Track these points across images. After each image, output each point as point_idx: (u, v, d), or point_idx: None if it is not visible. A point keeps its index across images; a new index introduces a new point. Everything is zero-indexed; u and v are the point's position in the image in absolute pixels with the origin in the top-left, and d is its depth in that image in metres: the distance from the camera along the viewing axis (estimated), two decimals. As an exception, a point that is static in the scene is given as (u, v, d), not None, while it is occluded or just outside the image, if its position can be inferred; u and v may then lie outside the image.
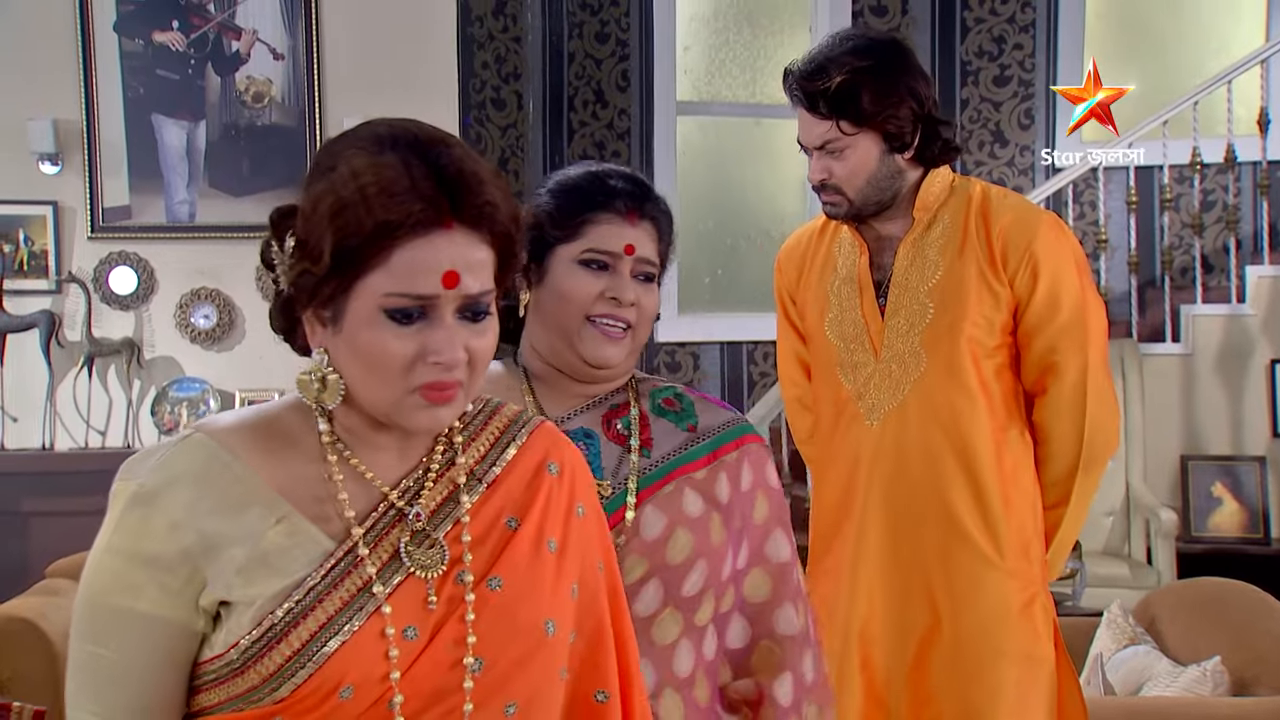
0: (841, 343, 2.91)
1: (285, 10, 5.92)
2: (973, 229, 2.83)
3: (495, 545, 1.54)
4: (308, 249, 1.46)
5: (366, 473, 1.52)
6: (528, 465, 1.61)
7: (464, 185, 1.46)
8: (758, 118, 7.39)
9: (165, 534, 1.45)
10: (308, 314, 1.50)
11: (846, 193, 2.82)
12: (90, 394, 5.80)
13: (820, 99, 2.77)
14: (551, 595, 1.55)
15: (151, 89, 5.89)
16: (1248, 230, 7.17)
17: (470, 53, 6.62)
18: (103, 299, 5.87)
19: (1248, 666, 3.48)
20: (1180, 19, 7.69)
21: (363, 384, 1.47)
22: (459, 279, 1.45)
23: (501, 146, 6.78)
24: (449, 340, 1.45)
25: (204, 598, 1.45)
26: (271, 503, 1.47)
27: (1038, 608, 2.84)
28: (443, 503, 1.55)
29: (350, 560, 1.47)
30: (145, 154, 5.89)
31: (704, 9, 7.46)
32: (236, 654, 1.44)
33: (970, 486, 2.80)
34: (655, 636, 1.99)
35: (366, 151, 1.46)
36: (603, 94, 7.12)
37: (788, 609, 2.08)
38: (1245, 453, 6.69)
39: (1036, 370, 2.84)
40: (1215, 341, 6.75)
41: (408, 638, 1.46)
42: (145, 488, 1.46)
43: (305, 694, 1.42)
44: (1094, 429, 2.84)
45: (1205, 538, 6.60)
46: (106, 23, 5.83)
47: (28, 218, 5.83)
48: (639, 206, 2.05)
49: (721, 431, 2.10)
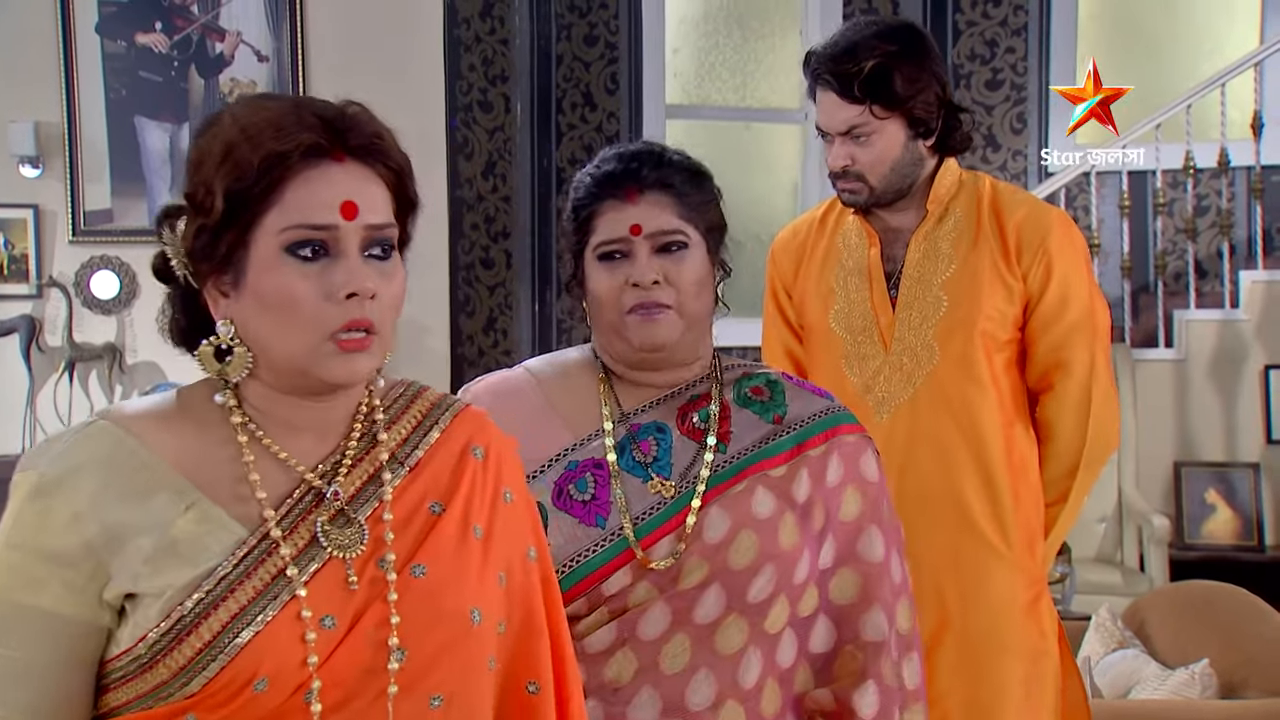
0: (848, 335, 2.87)
1: (270, 12, 5.88)
2: (985, 223, 2.83)
3: (419, 531, 1.49)
4: (198, 202, 1.42)
5: (280, 453, 1.47)
6: (451, 449, 1.56)
7: (351, 120, 1.46)
8: (748, 121, 7.34)
9: (67, 526, 1.39)
10: (208, 288, 1.45)
11: (869, 179, 2.79)
12: (71, 399, 5.73)
13: (853, 82, 2.72)
14: (477, 583, 1.50)
15: (134, 91, 5.83)
16: (1241, 235, 7.13)
17: (457, 55, 6.58)
18: (84, 303, 5.81)
19: (1236, 669, 3.45)
20: (1174, 22, 7.65)
21: (274, 338, 1.42)
22: (357, 209, 1.42)
23: (489, 149, 6.74)
24: (354, 271, 1.41)
25: (108, 591, 1.40)
26: (180, 489, 1.42)
27: (1043, 604, 2.83)
28: (364, 485, 1.50)
29: (264, 547, 1.42)
30: (127, 157, 5.83)
31: (693, 12, 7.42)
32: (144, 648, 1.38)
33: (982, 480, 2.78)
34: (719, 646, 1.91)
35: (250, 103, 1.46)
36: (591, 97, 7.07)
37: (877, 613, 1.97)
38: (1239, 459, 6.66)
39: (1044, 366, 2.83)
40: (1209, 347, 6.72)
41: (325, 626, 1.40)
42: (46, 478, 1.41)
43: (218, 688, 1.37)
44: (1098, 427, 2.83)
45: (1199, 545, 6.56)
46: (88, 24, 5.77)
47: (8, 221, 5.77)
48: (635, 181, 1.98)
49: (810, 423, 2.02)
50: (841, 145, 2.78)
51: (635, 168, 1.99)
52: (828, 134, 2.81)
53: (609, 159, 2.03)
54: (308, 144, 1.41)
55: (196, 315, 1.49)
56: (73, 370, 5.73)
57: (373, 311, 1.42)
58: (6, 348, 5.67)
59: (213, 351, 1.46)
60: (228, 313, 1.45)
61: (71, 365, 5.71)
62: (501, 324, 6.85)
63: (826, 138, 2.82)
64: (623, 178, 1.99)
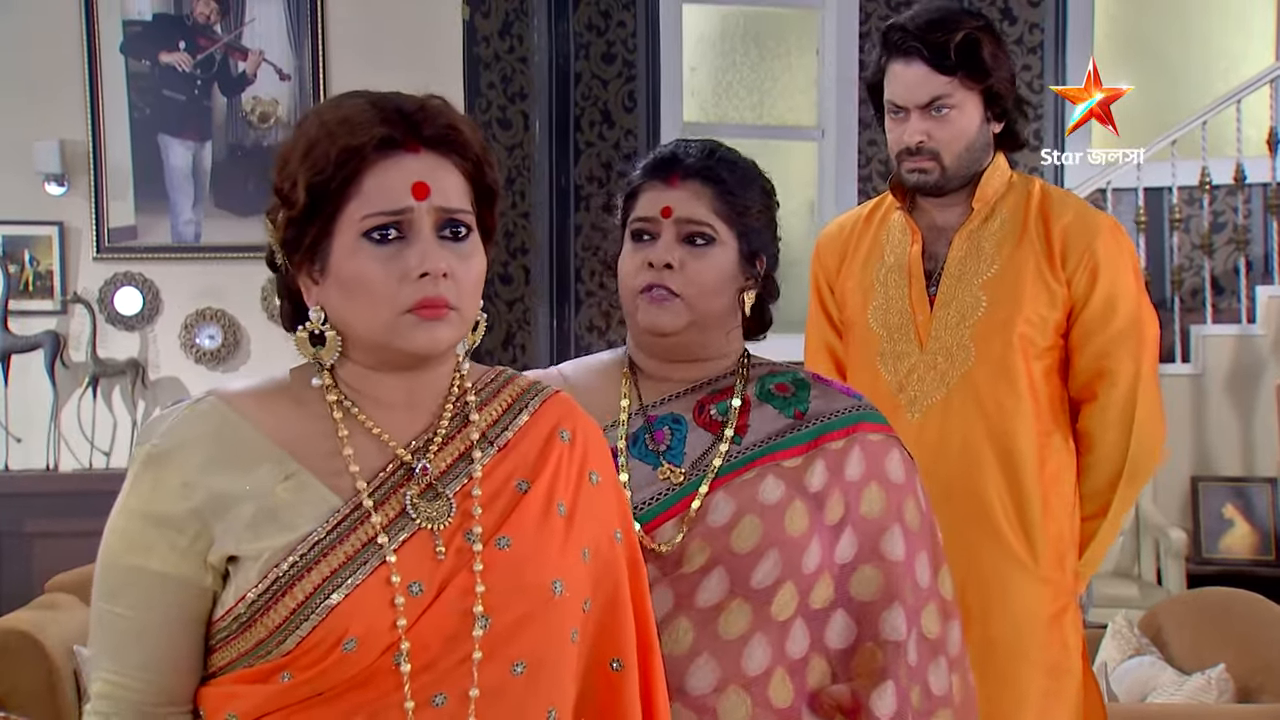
0: (885, 332, 2.84)
1: (292, 31, 5.94)
2: (1032, 225, 2.79)
3: (505, 506, 1.57)
4: (285, 196, 1.51)
5: (375, 429, 1.55)
6: (540, 431, 1.64)
7: (428, 113, 1.52)
8: (765, 139, 7.38)
9: (176, 493, 1.49)
10: (301, 277, 1.54)
11: (943, 158, 2.75)
12: (95, 415, 5.78)
13: (947, 50, 2.71)
14: (559, 557, 1.57)
15: (158, 110, 5.90)
16: (1258, 251, 7.14)
17: (477, 73, 6.63)
18: (108, 319, 5.86)
19: (1253, 674, 3.45)
20: (1189, 39, 7.68)
21: (355, 317, 1.51)
22: (428, 190, 1.49)
23: (508, 167, 6.78)
24: (427, 252, 1.49)
25: (213, 554, 1.49)
26: (280, 460, 1.52)
27: (1069, 619, 2.79)
28: (454, 462, 1.58)
29: (357, 516, 1.51)
30: (151, 174, 5.89)
31: (711, 30, 7.46)
32: (244, 607, 1.47)
33: (1009, 488, 2.74)
34: (721, 630, 1.90)
35: (333, 101, 1.55)
36: (609, 114, 7.11)
37: (896, 612, 1.95)
38: (1256, 474, 6.66)
39: (1087, 375, 2.78)
40: (1225, 362, 6.73)
41: (413, 593, 1.48)
42: (158, 449, 1.52)
43: (310, 645, 1.45)
44: (1141, 440, 2.78)
45: (1216, 559, 6.56)
46: (113, 44, 5.84)
47: (33, 238, 5.83)
48: (680, 168, 2.01)
49: (833, 418, 2.01)
50: (919, 120, 2.75)
51: (683, 155, 2.03)
52: (901, 110, 2.77)
53: (669, 145, 2.08)
54: (380, 136, 1.48)
55: (300, 301, 1.57)
56: (96, 385, 5.76)
57: (448, 290, 1.50)
58: (31, 363, 5.71)
59: (308, 337, 1.55)
60: (318, 299, 1.54)
61: (95, 381, 5.75)
62: (520, 339, 6.89)
63: (898, 114, 2.78)
64: (670, 161, 2.03)
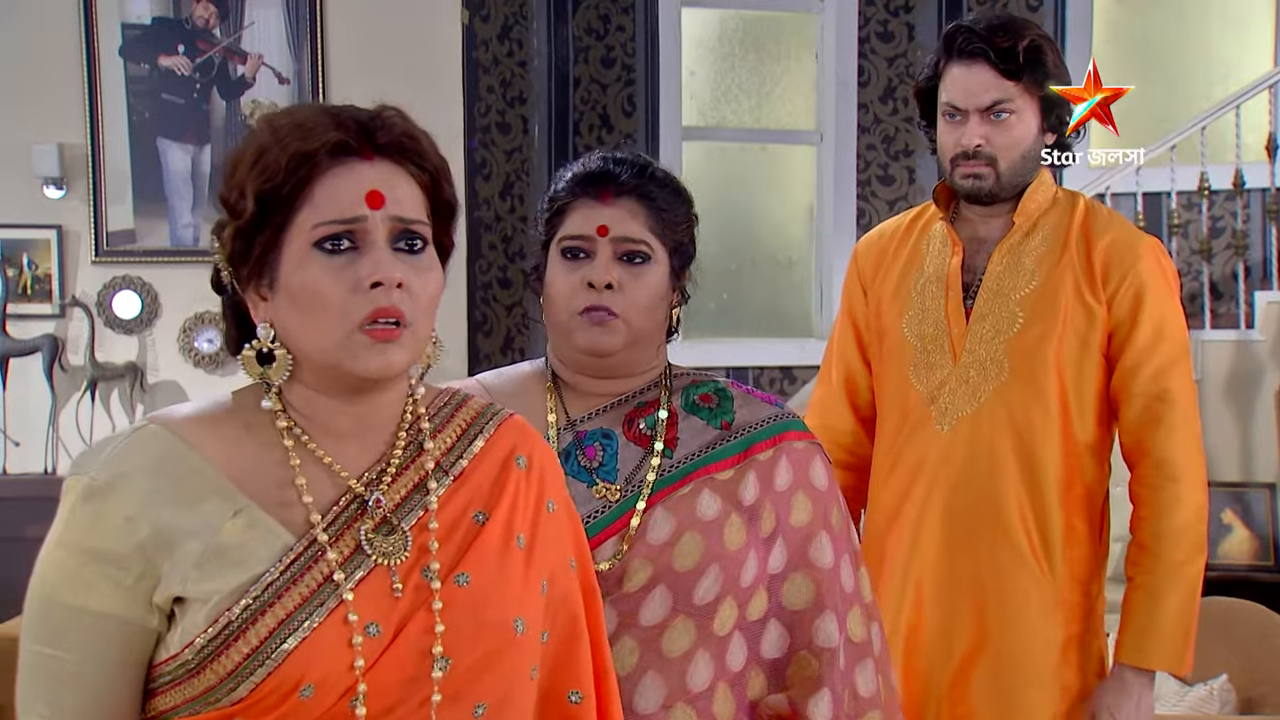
0: (919, 342, 2.82)
1: (291, 34, 5.93)
2: (1073, 242, 2.77)
3: (462, 540, 1.49)
4: (232, 206, 1.43)
5: (326, 458, 1.47)
6: (495, 458, 1.56)
7: (384, 120, 1.46)
8: (764, 143, 7.37)
9: (119, 529, 1.40)
10: (249, 293, 1.46)
11: (999, 164, 2.74)
12: (93, 419, 5.76)
13: (1014, 55, 2.71)
14: (521, 592, 1.50)
15: (156, 113, 5.89)
16: (1257, 256, 7.13)
17: (475, 77, 6.63)
18: (106, 323, 5.85)
19: (1255, 685, 3.46)
20: (1187, 45, 7.68)
21: (306, 334, 1.43)
22: (383, 199, 1.42)
23: (507, 171, 6.78)
24: (380, 261, 1.41)
25: (158, 594, 1.40)
26: (228, 494, 1.43)
27: (1091, 645, 2.79)
28: (409, 494, 1.50)
29: (311, 553, 1.43)
30: (150, 178, 5.88)
31: (709, 34, 7.46)
32: (192, 654, 1.39)
33: (1032, 505, 2.73)
34: (665, 648, 1.90)
35: (284, 110, 1.47)
36: (608, 119, 7.11)
37: (829, 619, 1.96)
38: (1255, 479, 6.63)
39: (1146, 398, 2.73)
40: (1224, 368, 6.70)
41: (370, 634, 1.40)
42: (98, 481, 1.41)
43: (265, 693, 1.37)
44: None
45: (1215, 565, 6.52)
46: (112, 48, 5.83)
47: (32, 242, 5.81)
48: (613, 185, 1.97)
49: (759, 429, 2.01)
50: (979, 124, 2.73)
51: (616, 171, 1.99)
52: (959, 113, 2.75)
53: (595, 159, 2.03)
54: (334, 141, 1.41)
55: (246, 324, 1.50)
56: (94, 389, 5.75)
57: (401, 302, 1.41)
58: (30, 367, 5.70)
59: (255, 356, 1.47)
60: (266, 315, 1.45)
61: (93, 384, 5.74)
62: (519, 343, 6.88)
63: (955, 117, 2.76)
64: (602, 178, 1.98)
